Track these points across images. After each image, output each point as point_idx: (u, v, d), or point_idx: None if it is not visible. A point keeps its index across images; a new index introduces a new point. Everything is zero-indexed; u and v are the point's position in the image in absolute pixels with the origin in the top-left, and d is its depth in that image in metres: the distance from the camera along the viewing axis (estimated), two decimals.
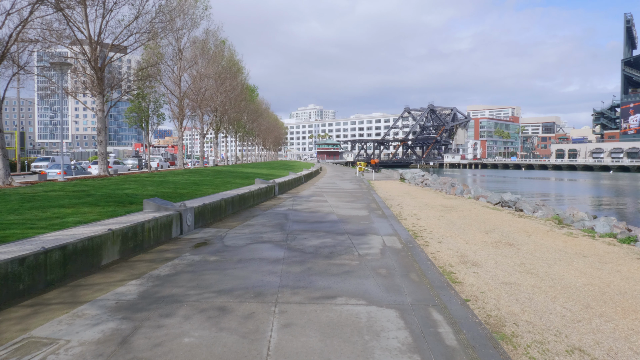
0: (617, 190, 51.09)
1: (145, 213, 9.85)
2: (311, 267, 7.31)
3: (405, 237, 10.73)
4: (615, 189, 53.45)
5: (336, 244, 9.27)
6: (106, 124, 22.08)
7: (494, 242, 11.18)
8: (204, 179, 21.95)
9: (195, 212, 10.95)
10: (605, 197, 40.61)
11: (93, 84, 21.45)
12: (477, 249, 10.23)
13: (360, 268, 7.31)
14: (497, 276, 7.88)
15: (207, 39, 38.54)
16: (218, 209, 12.66)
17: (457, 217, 15.59)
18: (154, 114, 28.78)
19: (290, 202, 17.90)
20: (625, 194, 45.52)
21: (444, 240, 11.17)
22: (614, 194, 45.36)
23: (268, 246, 8.95)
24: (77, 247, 6.50)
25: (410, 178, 38.59)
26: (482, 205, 20.06)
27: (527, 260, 9.13)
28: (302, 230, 10.87)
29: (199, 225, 11.22)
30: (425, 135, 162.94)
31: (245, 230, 10.74)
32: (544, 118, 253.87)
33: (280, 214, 14.18)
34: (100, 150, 22.05)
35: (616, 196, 42.37)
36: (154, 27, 22.43)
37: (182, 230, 10.10)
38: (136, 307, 5.23)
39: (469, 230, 12.92)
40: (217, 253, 8.23)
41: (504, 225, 14.00)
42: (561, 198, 37.81)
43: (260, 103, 78.40)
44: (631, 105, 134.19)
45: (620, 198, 40.05)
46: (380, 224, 12.38)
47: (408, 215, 15.67)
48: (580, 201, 35.66)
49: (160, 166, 49.52)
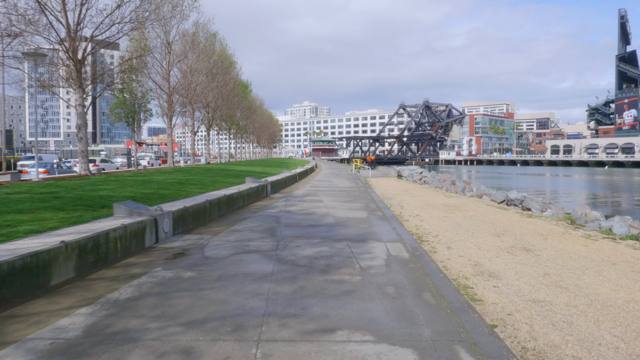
0: (615, 185, 50.38)
1: (115, 219, 8.60)
2: (304, 285, 6.11)
3: (410, 242, 9.55)
4: (613, 184, 52.77)
5: (334, 253, 8.07)
6: (86, 120, 20.73)
7: (509, 247, 10.03)
8: (192, 177, 20.66)
9: (175, 216, 9.70)
10: (606, 193, 39.71)
11: (72, 77, 20.08)
12: (492, 256, 9.08)
13: (364, 286, 6.11)
14: (522, 291, 6.73)
15: (197, 32, 37.10)
16: (202, 212, 11.42)
17: (462, 218, 14.45)
18: (141, 109, 27.33)
19: (283, 202, 16.68)
20: (624, 189, 44.71)
21: (453, 246, 10.01)
22: (613, 189, 44.54)
23: (255, 257, 7.72)
24: (14, 266, 5.25)
25: (408, 175, 37.45)
26: (486, 204, 18.94)
27: (551, 270, 7.98)
28: (295, 237, 9.66)
29: (179, 231, 9.98)
30: (420, 131, 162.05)
31: (231, 237, 9.50)
32: (538, 114, 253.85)
33: (272, 216, 12.95)
34: (80, 148, 20.70)
35: (616, 192, 41.52)
36: (138, 15, 21.06)
37: (157, 238, 8.86)
38: (75, 352, 3.99)
39: (478, 232, 11.77)
40: (195, 267, 7.00)
41: (515, 227, 12.87)
42: (560, 194, 36.87)
43: (254, 99, 76.95)
44: (626, 101, 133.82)
45: (619, 193, 39.17)
46: (382, 228, 11.19)
47: (410, 216, 14.51)
48: (580, 197, 34.70)
49: (151, 164, 48.13)
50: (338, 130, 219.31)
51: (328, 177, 36.82)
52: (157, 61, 34.82)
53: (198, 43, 37.15)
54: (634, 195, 38.00)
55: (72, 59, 19.57)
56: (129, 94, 26.52)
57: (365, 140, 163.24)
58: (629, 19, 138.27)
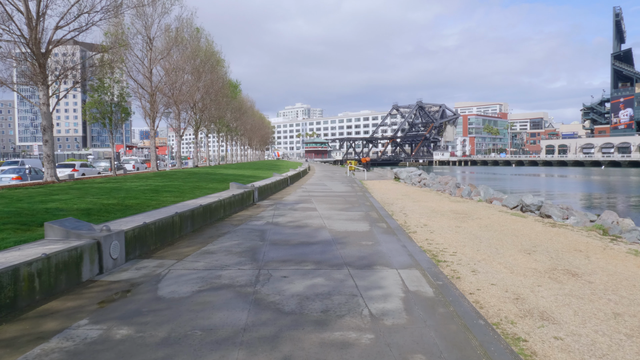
0: (615, 186, 48.93)
1: (43, 244, 6.51)
2: (291, 354, 4.08)
3: (427, 266, 7.54)
4: (613, 185, 51.37)
5: (332, 289, 6.02)
6: (52, 121, 18.55)
7: (548, 269, 8.07)
8: (170, 183, 18.53)
9: (129, 236, 7.63)
10: (610, 194, 38.06)
11: (35, 71, 17.91)
12: (532, 284, 7.13)
13: (380, 354, 4.10)
14: (598, 347, 4.77)
15: (180, 27, 34.95)
16: (169, 229, 9.33)
17: (477, 228, 12.51)
18: (118, 109, 25.11)
19: (272, 211, 14.61)
20: (625, 190, 43.12)
21: (479, 268, 8.03)
22: (615, 190, 42.98)
23: (225, 297, 5.66)
24: None
25: (406, 177, 35.48)
26: (499, 211, 17.01)
27: (621, 308, 6.02)
28: (282, 261, 7.61)
29: (136, 254, 7.90)
30: (414, 132, 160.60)
31: (200, 263, 7.43)
32: (531, 114, 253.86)
33: (256, 230, 10.88)
34: (45, 152, 18.51)
35: (618, 193, 39.92)
36: (110, 3, 18.93)
37: (102, 267, 6.78)
38: None
39: (503, 248, 9.81)
40: (136, 318, 4.94)
41: (543, 240, 10.93)
42: (568, 196, 35.12)
43: (244, 100, 74.79)
44: (621, 100, 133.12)
45: (623, 194, 37.49)
46: (389, 246, 9.17)
47: (417, 227, 12.55)
48: (589, 199, 33.00)
49: (137, 168, 45.98)
50: (331, 131, 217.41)
51: (322, 180, 34.77)
52: (138, 59, 32.68)
53: (182, 39, 34.99)
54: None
55: (33, 52, 17.41)
56: (104, 93, 24.30)
57: (358, 141, 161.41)
58: (623, 17, 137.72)
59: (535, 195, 18.03)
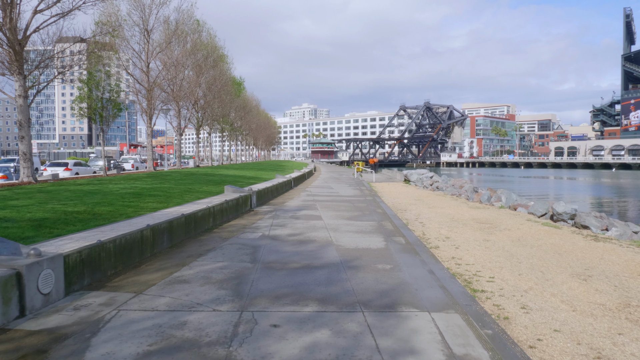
0: (627, 189, 46.73)
1: None
2: None
3: (466, 302, 5.60)
4: (626, 188, 49.18)
5: (341, 354, 4.11)
6: (29, 115, 16.77)
7: (619, 305, 6.12)
8: (159, 186, 16.68)
9: (73, 261, 5.76)
10: (624, 199, 35.88)
11: (11, 59, 16.13)
12: (609, 330, 5.24)
13: None
14: None
15: (180, 20, 33.12)
16: (136, 246, 7.44)
17: (509, 243, 10.57)
18: (109, 104, 23.30)
19: (269, 220, 12.69)
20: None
21: (529, 303, 6.11)
22: (630, 194, 40.79)
23: None
24: None
25: (417, 180, 33.45)
26: (527, 220, 15.04)
27: None
28: (274, 297, 5.70)
29: (83, 284, 6.02)
30: (421, 133, 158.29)
31: (163, 300, 5.53)
32: (539, 116, 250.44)
33: (248, 246, 8.98)
34: (21, 149, 16.72)
35: (635, 197, 37.73)
36: None
37: (23, 307, 4.92)
38: None
39: (550, 272, 7.85)
40: None
41: (593, 259, 8.98)
42: (584, 201, 32.99)
43: (249, 99, 73.02)
44: (632, 102, 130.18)
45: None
46: (413, 271, 7.22)
47: (438, 240, 10.65)
48: (610, 205, 30.85)
49: (136, 167, 44.47)
50: (337, 132, 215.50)
51: (328, 182, 32.85)
52: (135, 52, 30.92)
53: (182, 32, 33.18)
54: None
55: (8, 38, 15.63)
56: (95, 87, 22.54)
57: (365, 142, 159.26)
58: (634, 18, 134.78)
59: (568, 203, 16.00)
